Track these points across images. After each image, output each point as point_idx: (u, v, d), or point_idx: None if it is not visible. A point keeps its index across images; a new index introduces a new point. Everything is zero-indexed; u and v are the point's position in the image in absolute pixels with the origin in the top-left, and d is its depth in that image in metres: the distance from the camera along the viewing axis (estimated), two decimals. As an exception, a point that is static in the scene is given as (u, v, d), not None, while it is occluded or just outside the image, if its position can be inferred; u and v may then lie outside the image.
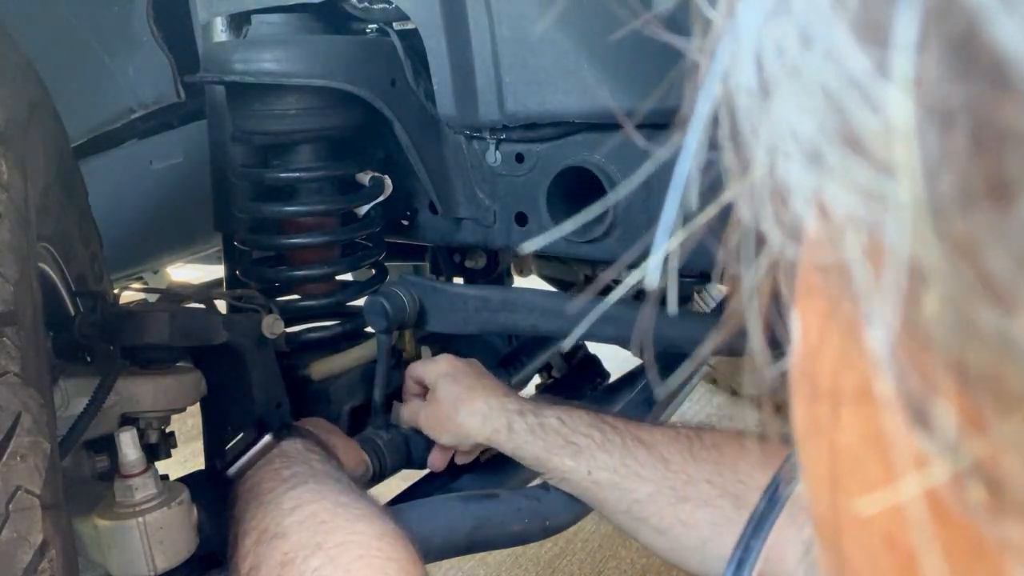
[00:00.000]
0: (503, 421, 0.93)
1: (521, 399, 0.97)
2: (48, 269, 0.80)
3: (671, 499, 0.81)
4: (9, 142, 0.59)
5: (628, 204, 0.98)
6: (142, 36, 1.10)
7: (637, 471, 0.83)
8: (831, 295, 0.17)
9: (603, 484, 0.85)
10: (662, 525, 0.81)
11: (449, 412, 0.96)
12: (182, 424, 0.87)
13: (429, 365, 1.03)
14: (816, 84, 0.15)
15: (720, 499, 0.78)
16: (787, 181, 0.17)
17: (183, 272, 2.03)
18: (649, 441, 0.85)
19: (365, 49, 0.99)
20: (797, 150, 0.16)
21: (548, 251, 1.09)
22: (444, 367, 1.01)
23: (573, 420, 0.90)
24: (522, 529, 0.90)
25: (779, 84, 0.16)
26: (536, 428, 0.91)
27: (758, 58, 0.16)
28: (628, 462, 0.84)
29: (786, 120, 0.16)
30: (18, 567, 0.47)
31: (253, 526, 0.72)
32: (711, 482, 0.79)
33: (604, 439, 0.87)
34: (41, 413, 0.52)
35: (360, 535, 0.68)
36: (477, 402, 0.95)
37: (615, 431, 0.87)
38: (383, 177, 1.06)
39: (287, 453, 0.83)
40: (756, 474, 0.78)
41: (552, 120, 0.98)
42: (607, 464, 0.85)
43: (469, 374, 1.00)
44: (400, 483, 1.04)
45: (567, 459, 0.88)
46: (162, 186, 1.20)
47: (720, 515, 0.77)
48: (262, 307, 0.92)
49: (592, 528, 1.97)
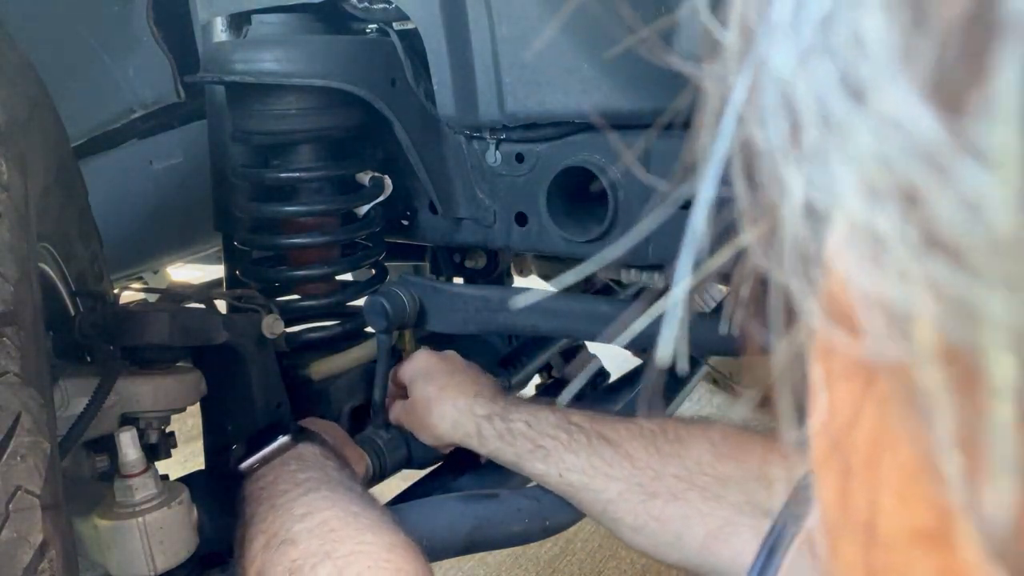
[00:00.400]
0: (472, 427, 0.93)
1: (490, 400, 0.95)
2: (48, 269, 0.80)
3: (641, 496, 0.80)
4: (9, 142, 0.59)
5: (628, 204, 0.98)
6: (142, 36, 1.10)
7: (605, 471, 0.83)
8: (868, 368, 0.15)
9: (576, 486, 0.85)
10: (636, 523, 0.81)
11: (423, 414, 0.96)
12: (182, 424, 0.87)
13: (407, 364, 1.02)
14: (871, 150, 0.12)
15: (688, 492, 0.78)
16: (830, 258, 0.14)
17: (183, 272, 2.03)
18: (614, 439, 0.85)
19: (365, 49, 0.99)
20: (847, 228, 0.13)
21: (548, 251, 1.09)
22: (419, 365, 1.01)
23: (539, 422, 0.89)
24: (522, 529, 0.90)
25: (817, 139, 0.13)
26: (504, 433, 0.91)
27: (788, 101, 0.14)
28: (595, 462, 0.84)
29: (828, 185, 0.13)
30: (18, 567, 0.47)
31: (262, 529, 0.71)
32: (677, 476, 0.79)
33: (570, 439, 0.86)
34: (41, 413, 0.52)
35: (370, 545, 0.68)
36: (446, 406, 0.95)
37: (580, 431, 0.87)
38: (383, 177, 1.06)
39: (303, 456, 0.83)
40: (719, 465, 0.78)
41: (552, 120, 0.98)
42: (575, 465, 0.85)
43: (443, 372, 0.99)
44: (400, 483, 1.04)
45: (538, 463, 0.88)
46: (162, 186, 1.20)
47: (690, 508, 0.77)
48: (262, 307, 0.92)
49: (592, 528, 1.97)
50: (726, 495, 0.76)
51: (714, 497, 0.76)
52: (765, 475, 0.75)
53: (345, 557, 0.66)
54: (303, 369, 1.03)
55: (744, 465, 0.77)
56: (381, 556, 0.67)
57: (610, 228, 1.00)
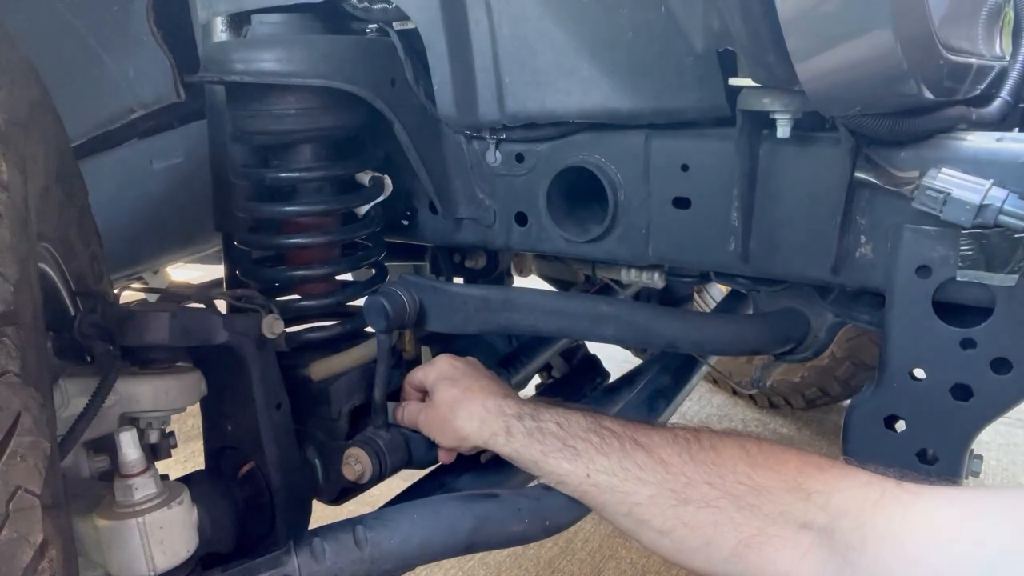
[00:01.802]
0: (501, 425, 0.93)
1: (519, 401, 0.97)
2: (48, 269, 0.80)
3: (672, 501, 0.81)
4: (9, 142, 0.59)
5: (628, 204, 0.98)
6: (142, 36, 1.10)
7: (637, 474, 0.83)
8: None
9: (602, 487, 0.85)
10: (664, 527, 0.81)
11: (447, 416, 0.96)
12: (182, 424, 0.87)
13: (427, 368, 1.02)
14: None
15: (721, 500, 0.78)
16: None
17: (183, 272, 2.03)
18: (647, 444, 0.85)
19: (365, 49, 0.99)
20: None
21: (548, 251, 1.09)
22: (443, 369, 1.01)
23: (571, 424, 0.90)
24: (522, 529, 0.90)
25: None
26: (534, 431, 0.91)
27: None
28: (627, 465, 0.84)
29: None
30: (18, 567, 0.47)
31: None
32: (711, 484, 0.80)
33: (602, 442, 0.87)
34: (41, 413, 0.52)
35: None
36: (474, 405, 0.95)
37: (613, 434, 0.87)
38: (383, 177, 1.06)
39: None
40: (754, 475, 0.78)
41: (552, 120, 0.98)
42: (606, 467, 0.85)
43: (467, 375, 1.00)
44: (400, 483, 1.04)
45: (565, 462, 0.88)
46: (162, 186, 1.20)
47: (722, 515, 0.78)
48: (262, 307, 0.92)
49: (592, 528, 1.97)
50: (761, 505, 0.76)
51: (748, 507, 0.76)
52: (801, 487, 0.75)
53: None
54: (303, 369, 1.03)
55: (780, 476, 0.77)
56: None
57: (610, 228, 1.00)
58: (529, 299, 1.02)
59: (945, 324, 0.82)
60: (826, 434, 2.49)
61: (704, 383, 2.68)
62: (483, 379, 1.00)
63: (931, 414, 0.85)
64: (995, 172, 0.75)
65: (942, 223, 0.77)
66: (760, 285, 1.04)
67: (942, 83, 0.76)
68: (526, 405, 0.95)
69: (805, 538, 0.72)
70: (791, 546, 0.73)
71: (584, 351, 1.47)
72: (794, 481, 0.76)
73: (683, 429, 0.88)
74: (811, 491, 0.74)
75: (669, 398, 1.26)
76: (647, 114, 0.93)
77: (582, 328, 1.02)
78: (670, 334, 1.00)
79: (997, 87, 0.91)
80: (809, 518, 0.73)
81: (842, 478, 0.74)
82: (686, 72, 0.88)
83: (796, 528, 0.73)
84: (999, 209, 0.73)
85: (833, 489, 0.73)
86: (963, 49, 0.81)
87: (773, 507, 0.75)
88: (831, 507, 0.72)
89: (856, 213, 0.85)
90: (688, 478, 0.81)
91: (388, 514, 0.88)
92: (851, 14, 0.68)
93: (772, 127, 0.83)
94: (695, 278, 1.16)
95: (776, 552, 0.74)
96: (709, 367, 1.40)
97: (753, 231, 0.91)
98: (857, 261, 0.87)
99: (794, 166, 0.87)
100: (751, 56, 0.76)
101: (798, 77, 0.72)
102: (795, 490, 0.75)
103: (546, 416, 0.92)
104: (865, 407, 0.90)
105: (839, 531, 0.70)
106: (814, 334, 1.05)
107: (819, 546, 0.71)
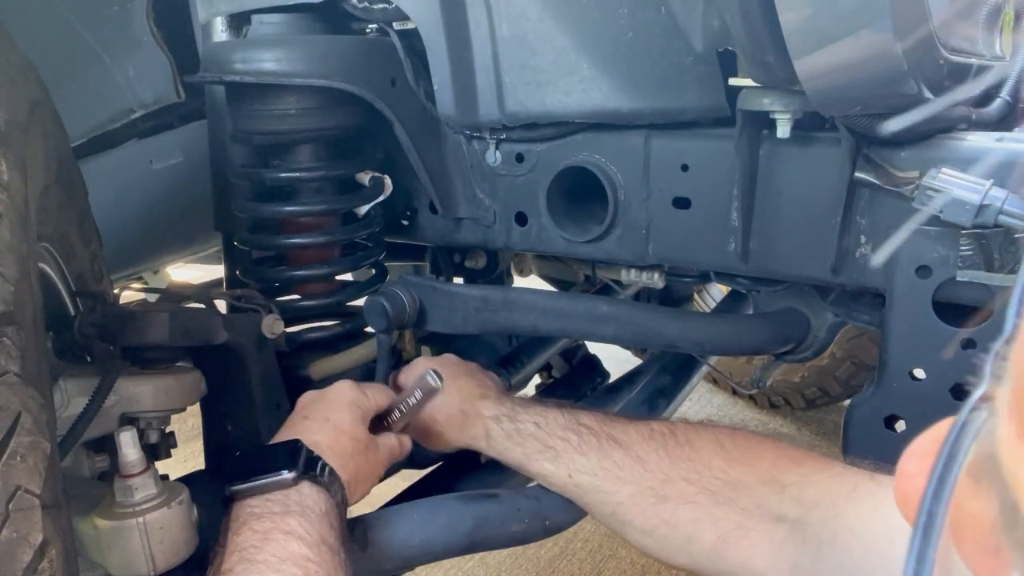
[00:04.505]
0: (480, 429, 0.93)
1: (497, 402, 0.95)
2: (48, 269, 0.80)
3: (651, 499, 0.81)
4: (9, 142, 0.59)
5: (628, 204, 0.98)
6: (142, 36, 1.10)
7: (616, 473, 0.83)
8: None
9: (585, 487, 0.85)
10: (647, 526, 0.81)
11: (428, 421, 0.96)
12: (182, 424, 0.87)
13: (406, 372, 1.01)
14: None
15: (698, 496, 0.78)
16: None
17: (183, 272, 2.03)
18: (624, 441, 0.85)
19: (365, 49, 0.99)
20: None
21: (548, 251, 1.09)
22: (418, 373, 1.00)
23: (549, 423, 0.90)
24: (522, 529, 0.90)
25: None
26: (513, 434, 0.90)
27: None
28: (606, 464, 0.84)
29: None
30: (18, 567, 0.47)
31: (229, 568, 0.67)
32: (688, 480, 0.80)
33: (580, 441, 0.87)
34: (41, 413, 0.52)
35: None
36: (453, 410, 0.95)
37: (591, 432, 0.87)
38: (383, 177, 1.06)
39: (301, 502, 0.73)
40: (729, 469, 0.78)
41: (552, 120, 0.98)
42: (586, 467, 0.85)
43: (445, 378, 0.99)
44: (400, 483, 1.04)
45: (547, 464, 0.88)
46: (162, 186, 1.20)
47: (700, 511, 0.78)
48: (262, 307, 0.92)
49: (592, 528, 1.97)
50: (737, 499, 0.76)
51: (725, 501, 0.77)
52: (775, 479, 0.75)
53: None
54: (303, 369, 1.03)
55: (755, 469, 0.77)
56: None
57: (610, 228, 1.00)
58: (529, 299, 1.02)
59: (945, 324, 0.82)
60: (826, 434, 2.49)
61: (704, 383, 2.67)
62: (460, 379, 0.98)
63: (931, 414, 0.85)
64: (995, 172, 0.75)
65: (942, 223, 0.77)
66: (760, 285, 1.04)
67: (942, 83, 0.76)
68: (503, 406, 0.94)
69: (780, 531, 0.72)
70: (767, 539, 0.73)
71: (584, 351, 1.47)
72: (768, 474, 0.76)
73: (659, 423, 0.87)
74: (785, 483, 0.74)
75: (669, 398, 1.26)
76: (647, 114, 0.93)
77: (582, 328, 1.02)
78: (670, 334, 1.00)
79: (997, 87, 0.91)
80: (783, 511, 0.73)
81: (816, 471, 0.74)
82: (686, 72, 0.88)
83: (772, 521, 0.73)
84: (999, 209, 0.73)
85: (807, 481, 0.73)
86: (963, 49, 0.81)
87: (749, 500, 0.75)
88: (804, 499, 0.72)
89: (856, 213, 0.85)
90: (665, 475, 0.81)
91: (388, 514, 0.88)
92: (851, 14, 0.68)
93: (772, 127, 0.83)
94: (695, 278, 1.15)
95: (753, 546, 0.74)
96: (709, 367, 1.40)
97: (753, 231, 0.91)
98: (857, 261, 0.87)
99: (794, 166, 0.87)
100: (751, 56, 0.76)
101: (798, 77, 0.72)
102: (769, 483, 0.75)
103: (523, 416, 0.91)
104: (865, 407, 0.90)
105: (811, 524, 0.70)
106: (814, 334, 1.05)
107: (793, 539, 0.71)
